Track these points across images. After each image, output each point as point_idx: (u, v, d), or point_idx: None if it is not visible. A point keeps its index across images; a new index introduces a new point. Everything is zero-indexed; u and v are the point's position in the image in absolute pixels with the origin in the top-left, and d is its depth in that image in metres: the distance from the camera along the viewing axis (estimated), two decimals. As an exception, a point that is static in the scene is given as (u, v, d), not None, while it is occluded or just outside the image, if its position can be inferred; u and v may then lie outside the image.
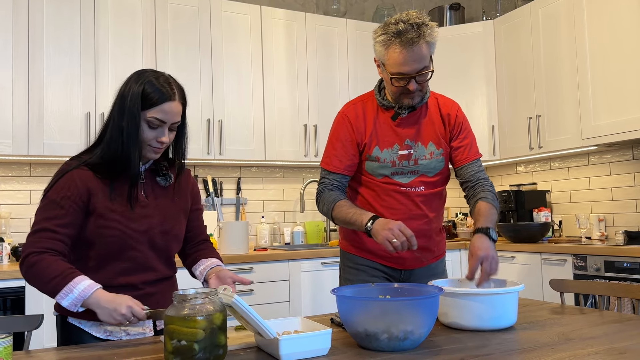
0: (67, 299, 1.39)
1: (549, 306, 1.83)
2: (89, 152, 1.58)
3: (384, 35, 1.77)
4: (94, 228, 1.51)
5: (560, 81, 3.62)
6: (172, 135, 1.56)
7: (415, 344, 1.30)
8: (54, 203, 1.47)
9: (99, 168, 1.52)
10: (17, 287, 2.67)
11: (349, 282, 2.00)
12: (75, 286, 1.39)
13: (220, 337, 1.20)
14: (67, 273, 1.41)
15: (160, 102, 1.49)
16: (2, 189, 3.30)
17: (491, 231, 1.72)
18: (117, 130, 1.50)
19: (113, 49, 3.27)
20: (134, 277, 1.56)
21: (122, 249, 1.53)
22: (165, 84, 1.51)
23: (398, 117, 1.92)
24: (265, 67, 3.73)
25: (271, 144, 3.71)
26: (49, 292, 1.42)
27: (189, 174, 1.73)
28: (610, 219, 3.72)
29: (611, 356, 1.19)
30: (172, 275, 1.69)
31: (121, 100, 1.51)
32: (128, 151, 1.50)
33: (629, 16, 3.18)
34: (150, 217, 1.57)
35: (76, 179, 1.50)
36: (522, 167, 4.38)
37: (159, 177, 1.63)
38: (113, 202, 1.52)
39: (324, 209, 1.94)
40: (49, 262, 1.42)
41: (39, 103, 3.07)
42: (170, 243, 1.62)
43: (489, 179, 1.95)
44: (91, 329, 1.54)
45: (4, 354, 1.12)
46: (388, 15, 4.44)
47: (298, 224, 4.12)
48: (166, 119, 1.51)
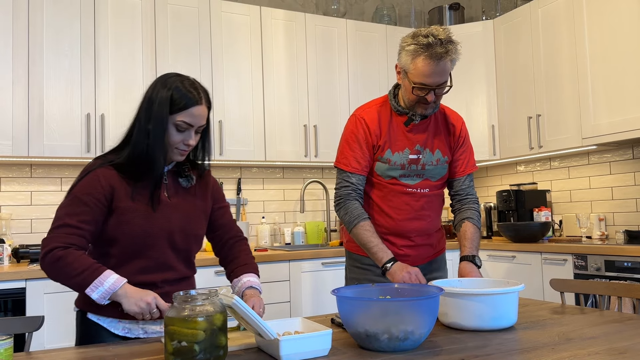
0: (97, 291, 1.44)
1: (549, 306, 1.83)
2: (114, 152, 1.63)
3: (413, 45, 1.84)
4: (115, 226, 1.54)
5: (560, 80, 3.62)
6: (197, 137, 1.61)
7: (416, 344, 1.30)
8: (78, 199, 1.52)
9: (123, 168, 1.57)
10: (17, 288, 2.67)
11: (357, 282, 2.08)
12: (106, 279, 1.44)
13: (220, 338, 1.20)
14: (95, 267, 1.46)
15: (189, 107, 1.54)
16: (3, 190, 3.30)
17: (477, 259, 1.92)
18: (144, 133, 1.55)
19: (113, 50, 3.28)
20: (154, 275, 1.60)
21: (142, 248, 1.57)
22: (192, 88, 1.56)
23: (411, 122, 2.00)
24: (265, 67, 3.73)
25: (271, 145, 3.71)
26: (75, 285, 1.46)
27: (209, 175, 1.76)
28: (610, 219, 3.71)
29: (612, 356, 1.19)
30: (192, 275, 1.72)
31: (148, 104, 1.56)
32: (153, 153, 1.54)
33: (629, 15, 3.18)
34: (171, 217, 1.61)
35: (100, 177, 1.54)
36: (522, 166, 4.38)
37: (181, 178, 1.68)
38: (135, 202, 1.56)
39: (346, 220, 1.98)
40: (76, 257, 1.46)
41: (39, 104, 3.07)
42: (190, 243, 1.66)
43: (476, 194, 2.12)
44: (109, 326, 1.58)
45: (4, 356, 1.12)
46: (388, 16, 4.44)
47: (298, 224, 4.12)
48: (194, 123, 1.55)
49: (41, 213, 3.38)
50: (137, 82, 3.31)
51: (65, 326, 2.77)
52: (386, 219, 1.99)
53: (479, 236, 2.01)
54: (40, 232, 3.36)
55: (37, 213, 3.36)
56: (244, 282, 1.68)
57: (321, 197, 4.27)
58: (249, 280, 1.68)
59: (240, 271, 1.72)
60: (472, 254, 1.93)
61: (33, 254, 3.05)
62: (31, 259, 3.05)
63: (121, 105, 3.26)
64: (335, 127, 3.93)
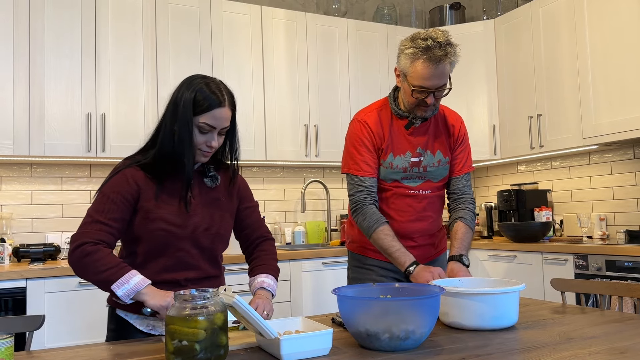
0: (122, 288, 1.46)
1: (550, 306, 1.83)
2: (142, 152, 1.66)
3: (412, 49, 1.85)
4: (140, 225, 1.58)
5: (561, 80, 3.62)
6: (221, 139, 1.63)
7: (417, 344, 1.30)
8: (107, 198, 1.56)
9: (150, 168, 1.61)
10: (18, 287, 2.67)
11: (359, 282, 2.10)
12: (131, 278, 1.47)
13: (221, 337, 1.20)
14: (122, 266, 1.49)
15: (211, 108, 1.56)
16: (3, 190, 3.30)
17: (464, 258, 1.94)
18: (169, 135, 1.58)
19: (113, 49, 3.28)
20: (177, 273, 1.62)
21: (166, 246, 1.60)
22: (216, 90, 1.57)
23: (412, 126, 2.01)
24: (266, 67, 3.73)
25: (272, 144, 3.71)
26: (102, 280, 1.48)
27: (237, 174, 1.78)
28: (611, 218, 3.71)
29: (612, 356, 1.19)
30: (218, 274, 1.74)
31: (174, 106, 1.59)
32: (181, 154, 1.57)
33: (630, 15, 3.18)
34: (196, 216, 1.63)
35: (128, 177, 1.58)
36: (523, 166, 4.38)
37: (207, 178, 1.69)
38: (159, 202, 1.59)
39: (365, 225, 1.96)
40: (105, 254, 1.50)
41: (39, 103, 3.07)
42: (214, 243, 1.68)
43: (472, 193, 2.12)
44: (135, 322, 1.63)
45: (5, 355, 1.12)
46: (388, 15, 4.44)
47: (299, 223, 4.12)
48: (216, 125, 1.57)
49: (42, 212, 3.38)
50: (137, 81, 3.31)
51: (65, 325, 2.77)
52: (389, 221, 1.99)
53: (470, 236, 2.01)
54: (40, 231, 3.36)
55: (37, 212, 3.37)
56: (257, 282, 1.69)
57: (322, 197, 4.27)
58: (262, 281, 1.69)
59: (256, 271, 1.73)
60: (459, 253, 1.94)
61: (33, 254, 3.05)
62: (32, 258, 3.05)
63: (122, 105, 3.26)
64: (336, 127, 3.93)
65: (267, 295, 1.65)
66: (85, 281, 2.79)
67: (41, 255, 3.07)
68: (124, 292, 1.46)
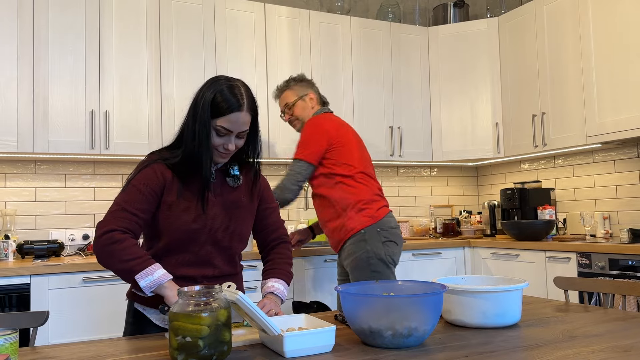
0: (146, 279, 1.48)
1: (553, 304, 1.83)
2: (168, 149, 1.68)
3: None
4: (163, 219, 1.61)
5: (565, 78, 3.61)
6: (239, 142, 1.63)
7: (420, 341, 1.31)
8: (136, 189, 1.59)
9: (174, 165, 1.63)
10: (22, 283, 2.68)
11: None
12: (155, 270, 1.50)
13: (224, 333, 1.21)
14: (146, 258, 1.52)
15: (228, 112, 1.56)
16: (8, 186, 3.31)
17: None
18: (191, 134, 1.59)
19: (117, 46, 3.28)
20: (194, 270, 1.65)
21: (185, 241, 1.62)
22: (236, 92, 1.57)
23: None
24: (269, 64, 3.73)
25: (275, 141, 3.71)
26: (126, 269, 1.49)
27: (259, 175, 1.78)
28: (615, 217, 3.71)
29: (615, 354, 1.19)
30: (235, 273, 1.75)
31: (195, 106, 1.60)
32: (200, 154, 1.58)
33: (635, 13, 3.17)
34: (215, 215, 1.65)
35: (157, 171, 1.62)
36: (526, 164, 4.37)
37: (229, 178, 1.71)
38: (180, 198, 1.62)
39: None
40: (132, 243, 1.52)
41: (43, 100, 3.08)
42: (233, 241, 1.69)
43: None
44: (152, 316, 1.67)
45: (10, 350, 1.13)
46: (392, 13, 4.43)
47: (302, 221, 4.12)
48: (232, 129, 1.58)
49: (46, 209, 3.39)
50: (141, 79, 3.32)
51: (69, 321, 2.78)
52: None
53: None
54: (44, 227, 3.37)
55: (41, 209, 3.38)
56: (267, 286, 1.71)
57: (325, 195, 4.27)
58: (272, 286, 1.70)
59: (269, 274, 1.75)
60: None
61: (37, 250, 3.06)
62: (35, 254, 3.06)
63: (125, 102, 3.27)
64: (339, 125, 3.92)
65: (275, 300, 1.66)
66: (90, 277, 2.80)
67: (45, 251, 3.08)
68: (147, 284, 1.48)
